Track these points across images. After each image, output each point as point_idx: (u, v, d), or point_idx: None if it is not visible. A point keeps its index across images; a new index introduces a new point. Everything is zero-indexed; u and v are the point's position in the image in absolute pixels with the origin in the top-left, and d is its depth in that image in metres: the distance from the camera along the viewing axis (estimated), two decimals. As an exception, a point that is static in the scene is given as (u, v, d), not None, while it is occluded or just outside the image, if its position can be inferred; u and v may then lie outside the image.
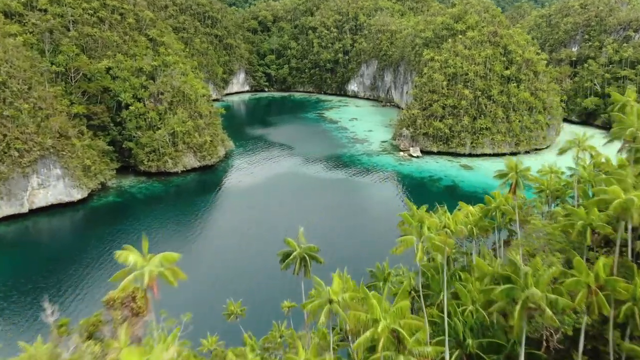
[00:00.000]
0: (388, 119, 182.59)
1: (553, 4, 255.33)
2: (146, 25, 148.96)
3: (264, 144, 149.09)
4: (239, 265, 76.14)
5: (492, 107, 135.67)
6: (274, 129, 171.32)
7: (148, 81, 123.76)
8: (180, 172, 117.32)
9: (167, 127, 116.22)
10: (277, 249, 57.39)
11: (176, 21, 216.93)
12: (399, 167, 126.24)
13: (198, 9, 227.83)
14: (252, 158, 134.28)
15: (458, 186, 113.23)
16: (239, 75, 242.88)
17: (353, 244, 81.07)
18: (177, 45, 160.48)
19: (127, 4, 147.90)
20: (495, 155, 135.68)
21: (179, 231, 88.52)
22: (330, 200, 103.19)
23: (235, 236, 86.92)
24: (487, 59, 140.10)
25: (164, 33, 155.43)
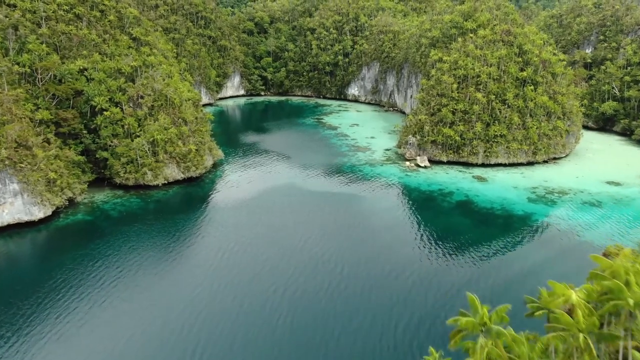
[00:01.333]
0: (391, 124, 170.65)
1: (564, 3, 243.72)
2: (129, 24, 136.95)
3: (257, 153, 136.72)
4: (219, 307, 63.67)
5: (507, 112, 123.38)
6: (269, 136, 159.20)
7: (127, 84, 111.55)
8: (161, 185, 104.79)
9: (147, 135, 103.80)
10: (271, 288, 45.02)
11: (167, 21, 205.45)
12: (405, 179, 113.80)
13: (190, 8, 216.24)
14: (244, 168, 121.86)
15: (472, 202, 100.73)
16: (233, 79, 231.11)
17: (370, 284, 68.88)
18: (163, 45, 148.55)
19: (108, 0, 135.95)
20: (511, 165, 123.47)
21: (153, 257, 75.90)
22: (330, 221, 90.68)
23: (219, 265, 74.33)
24: (501, 60, 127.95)
25: (149, 32, 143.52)
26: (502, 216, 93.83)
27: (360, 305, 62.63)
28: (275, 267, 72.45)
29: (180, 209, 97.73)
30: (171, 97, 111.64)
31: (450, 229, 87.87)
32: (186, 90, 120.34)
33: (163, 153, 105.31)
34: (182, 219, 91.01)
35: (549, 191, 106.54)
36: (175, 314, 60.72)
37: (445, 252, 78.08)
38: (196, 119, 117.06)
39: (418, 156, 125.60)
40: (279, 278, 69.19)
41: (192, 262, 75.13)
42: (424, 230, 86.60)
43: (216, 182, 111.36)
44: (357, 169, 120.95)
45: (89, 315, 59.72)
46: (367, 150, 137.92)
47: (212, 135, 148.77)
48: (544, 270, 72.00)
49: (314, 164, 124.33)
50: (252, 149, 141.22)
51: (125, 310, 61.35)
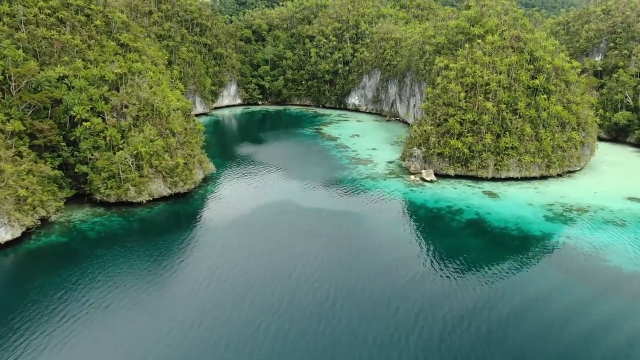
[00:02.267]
0: (394, 135, 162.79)
1: (570, 10, 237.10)
2: (117, 29, 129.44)
3: (252, 165, 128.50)
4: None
5: (519, 123, 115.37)
6: (265, 147, 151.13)
7: (111, 92, 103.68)
8: (145, 202, 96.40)
9: (130, 148, 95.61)
10: (258, 324, 36.43)
11: (161, 28, 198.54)
12: (411, 195, 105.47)
13: (185, 15, 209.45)
14: (237, 183, 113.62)
15: (484, 220, 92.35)
16: (230, 87, 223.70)
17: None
18: (153, 52, 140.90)
19: (95, 5, 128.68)
20: (524, 179, 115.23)
21: (130, 286, 67.35)
22: (328, 245, 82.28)
23: (202, 298, 65.87)
24: (511, 67, 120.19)
25: (138, 38, 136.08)
26: (517, 237, 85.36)
27: (357, 347, 54.08)
28: (264, 300, 63.94)
29: (165, 228, 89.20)
30: (158, 106, 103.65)
31: (460, 251, 79.35)
32: (175, 99, 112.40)
33: (148, 167, 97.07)
34: (165, 241, 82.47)
35: (567, 208, 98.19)
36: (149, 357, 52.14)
37: (455, 278, 69.61)
38: (185, 130, 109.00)
39: (423, 169, 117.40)
40: (267, 313, 60.73)
41: (172, 293, 66.57)
42: (432, 254, 78.11)
43: (206, 198, 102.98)
44: (358, 183, 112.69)
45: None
46: (368, 163, 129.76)
47: (205, 147, 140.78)
48: (568, 302, 63.63)
49: (312, 178, 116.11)
50: (247, 161, 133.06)
51: (87, 356, 52.76)
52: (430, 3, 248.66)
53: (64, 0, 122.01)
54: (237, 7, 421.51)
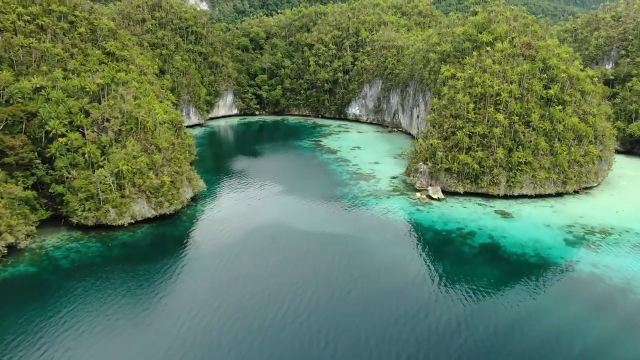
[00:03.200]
0: (397, 147, 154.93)
1: (578, 16, 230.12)
2: (103, 37, 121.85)
3: (246, 181, 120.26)
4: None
5: (533, 136, 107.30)
6: (261, 161, 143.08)
7: (92, 104, 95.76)
8: (127, 225, 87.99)
9: (111, 165, 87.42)
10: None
11: (154, 36, 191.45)
12: (417, 215, 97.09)
13: (180, 23, 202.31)
14: (229, 202, 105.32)
15: (499, 245, 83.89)
16: (226, 97, 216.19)
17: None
18: (142, 60, 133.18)
19: (80, 11, 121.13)
20: (538, 197, 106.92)
21: (100, 330, 58.85)
22: (326, 275, 73.83)
23: (180, 344, 57.37)
24: (523, 76, 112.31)
25: (126, 46, 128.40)
26: (537, 265, 76.85)
27: None
28: (250, 345, 55.45)
29: (147, 255, 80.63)
30: (143, 119, 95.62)
31: (474, 282, 70.84)
32: (163, 111, 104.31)
33: (130, 186, 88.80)
34: (146, 271, 73.95)
35: (589, 231, 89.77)
36: None
37: (469, 314, 61.07)
38: (173, 145, 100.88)
39: (430, 186, 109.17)
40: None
41: (146, 337, 58.02)
42: (442, 287, 69.61)
43: (194, 220, 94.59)
44: (360, 202, 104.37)
45: None
46: (370, 179, 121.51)
47: (196, 161, 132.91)
48: (596, 342, 55.15)
49: (310, 196, 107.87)
50: (241, 176, 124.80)
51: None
52: (432, 10, 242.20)
53: (45, 7, 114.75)
54: (236, 16, 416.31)
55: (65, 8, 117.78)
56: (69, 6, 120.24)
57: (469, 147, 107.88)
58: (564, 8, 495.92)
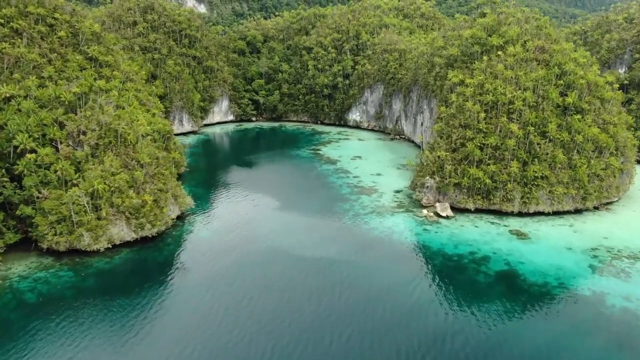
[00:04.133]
0: (400, 157, 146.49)
1: (588, 18, 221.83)
2: (85, 41, 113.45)
3: (240, 196, 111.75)
4: None
5: (549, 148, 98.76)
6: (256, 172, 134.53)
7: (68, 115, 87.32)
8: (104, 250, 79.32)
9: (86, 184, 78.83)
10: None
11: (146, 40, 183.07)
12: (424, 236, 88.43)
13: (173, 26, 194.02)
14: (219, 221, 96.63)
15: (517, 273, 75.24)
16: (221, 103, 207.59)
17: None
18: (128, 66, 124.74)
19: (60, 13, 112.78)
20: (556, 214, 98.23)
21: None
22: (323, 310, 65.25)
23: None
24: (538, 83, 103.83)
25: (111, 51, 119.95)
26: (562, 299, 68.18)
27: None
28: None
29: (124, 287, 71.90)
30: (123, 132, 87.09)
31: (491, 320, 62.24)
32: (146, 122, 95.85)
33: (108, 207, 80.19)
34: (121, 307, 65.27)
35: (615, 255, 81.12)
36: None
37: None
38: (157, 159, 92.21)
39: (438, 202, 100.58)
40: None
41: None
42: (456, 326, 60.94)
43: (180, 243, 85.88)
44: (362, 220, 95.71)
45: None
46: (373, 193, 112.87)
47: (187, 172, 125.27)
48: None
49: (307, 213, 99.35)
50: (234, 190, 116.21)
51: None
52: (434, 12, 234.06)
53: (21, 9, 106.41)
54: (234, 18, 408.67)
55: (44, 10, 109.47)
56: (48, 8, 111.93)
57: (480, 160, 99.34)
58: (565, 10, 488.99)
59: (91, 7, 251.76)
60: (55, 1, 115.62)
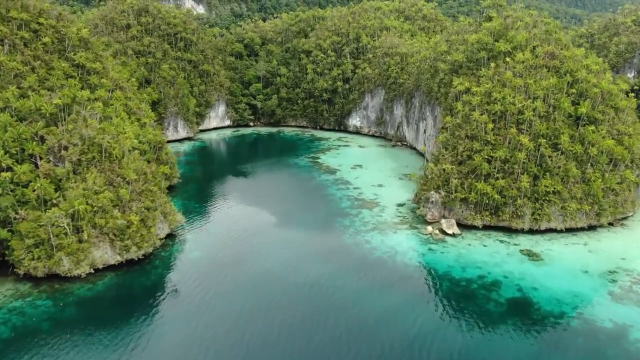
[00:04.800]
0: (401, 165, 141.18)
1: (589, 18, 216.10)
2: (72, 47, 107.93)
3: (234, 210, 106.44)
4: None
5: (561, 161, 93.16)
6: (252, 183, 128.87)
7: (49, 128, 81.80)
8: (86, 275, 73.78)
9: (66, 204, 73.30)
10: None
11: (140, 43, 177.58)
12: (430, 257, 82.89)
13: (168, 29, 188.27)
14: (213, 239, 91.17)
15: (530, 301, 69.73)
16: (217, 108, 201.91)
17: None
18: (118, 73, 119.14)
19: (45, 18, 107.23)
20: (568, 231, 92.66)
21: None
22: (323, 346, 59.76)
23: None
24: (549, 92, 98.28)
25: (100, 57, 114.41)
26: (581, 332, 62.64)
27: None
28: None
29: (106, 317, 66.35)
30: (108, 146, 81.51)
31: (509, 359, 56.73)
32: (134, 135, 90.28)
33: (90, 228, 74.67)
34: (101, 342, 59.74)
35: (636, 279, 75.58)
36: None
37: None
38: (145, 175, 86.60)
39: (443, 218, 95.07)
40: None
41: None
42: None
43: (169, 266, 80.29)
44: (362, 238, 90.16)
45: None
46: (374, 207, 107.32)
47: (180, 184, 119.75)
48: None
49: (305, 231, 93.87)
50: (229, 204, 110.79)
51: None
52: (436, 14, 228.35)
53: (3, 14, 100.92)
54: (233, 19, 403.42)
55: (28, 15, 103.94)
56: (33, 13, 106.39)
57: (488, 174, 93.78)
58: (565, 10, 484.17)
59: (89, 8, 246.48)
60: (40, 5, 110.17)
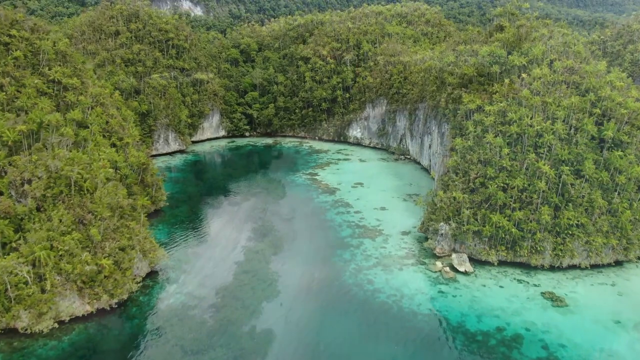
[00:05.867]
0: (406, 183, 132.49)
1: (607, 26, 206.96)
2: (47, 61, 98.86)
3: (223, 241, 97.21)
4: None
5: (586, 190, 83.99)
6: (245, 206, 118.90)
7: (11, 159, 72.64)
8: (49, 331, 64.60)
9: (26, 249, 64.13)
10: None
11: (129, 51, 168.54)
12: (440, 303, 73.67)
13: (159, 35, 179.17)
14: (198, 277, 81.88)
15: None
16: (211, 118, 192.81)
17: None
18: (99, 88, 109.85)
19: (18, 29, 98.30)
20: (594, 267, 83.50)
21: None
22: None
23: None
24: (570, 111, 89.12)
25: (79, 71, 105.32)
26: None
27: None
28: None
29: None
30: (78, 178, 72.32)
31: None
32: (109, 164, 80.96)
33: (54, 276, 65.52)
34: None
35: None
36: None
37: None
38: (121, 208, 77.34)
39: (454, 252, 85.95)
40: None
41: None
42: None
43: (146, 315, 70.85)
44: (365, 278, 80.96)
45: None
46: (377, 235, 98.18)
47: (167, 207, 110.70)
48: None
49: (300, 267, 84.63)
50: (219, 233, 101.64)
51: None
52: (440, 19, 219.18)
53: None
54: (232, 21, 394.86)
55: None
56: (4, 24, 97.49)
57: (504, 204, 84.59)
58: (567, 11, 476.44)
59: (86, 9, 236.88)
60: (12, 16, 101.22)
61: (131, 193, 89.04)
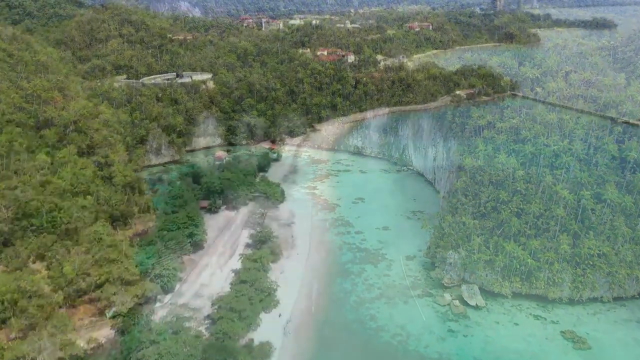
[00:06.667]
0: (410, 199, 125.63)
1: (610, 27, 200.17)
2: (26, 73, 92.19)
3: (213, 268, 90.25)
4: None
5: (607, 216, 77.25)
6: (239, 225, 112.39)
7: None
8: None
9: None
10: None
11: (120, 57, 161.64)
12: (450, 345, 66.97)
13: (153, 41, 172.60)
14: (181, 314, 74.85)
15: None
16: (207, 126, 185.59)
17: None
18: (83, 101, 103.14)
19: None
20: (617, 300, 76.75)
21: None
22: None
23: None
24: (589, 129, 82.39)
25: (61, 82, 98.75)
26: None
27: None
28: None
29: None
30: (52, 208, 65.49)
31: None
32: (80, 201, 74.01)
33: (21, 320, 58.60)
34: None
35: None
36: None
37: None
38: (99, 240, 70.38)
39: (463, 283, 79.17)
40: None
41: None
42: None
43: (139, 328, 64.15)
44: (367, 312, 74.29)
45: None
46: (379, 261, 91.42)
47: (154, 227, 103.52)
48: None
49: (299, 299, 77.74)
50: (209, 258, 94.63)
51: None
52: (443, 22, 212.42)
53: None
54: (231, 22, 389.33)
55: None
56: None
57: (519, 231, 77.82)
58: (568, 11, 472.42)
59: (85, 9, 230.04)
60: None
61: (115, 219, 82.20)
